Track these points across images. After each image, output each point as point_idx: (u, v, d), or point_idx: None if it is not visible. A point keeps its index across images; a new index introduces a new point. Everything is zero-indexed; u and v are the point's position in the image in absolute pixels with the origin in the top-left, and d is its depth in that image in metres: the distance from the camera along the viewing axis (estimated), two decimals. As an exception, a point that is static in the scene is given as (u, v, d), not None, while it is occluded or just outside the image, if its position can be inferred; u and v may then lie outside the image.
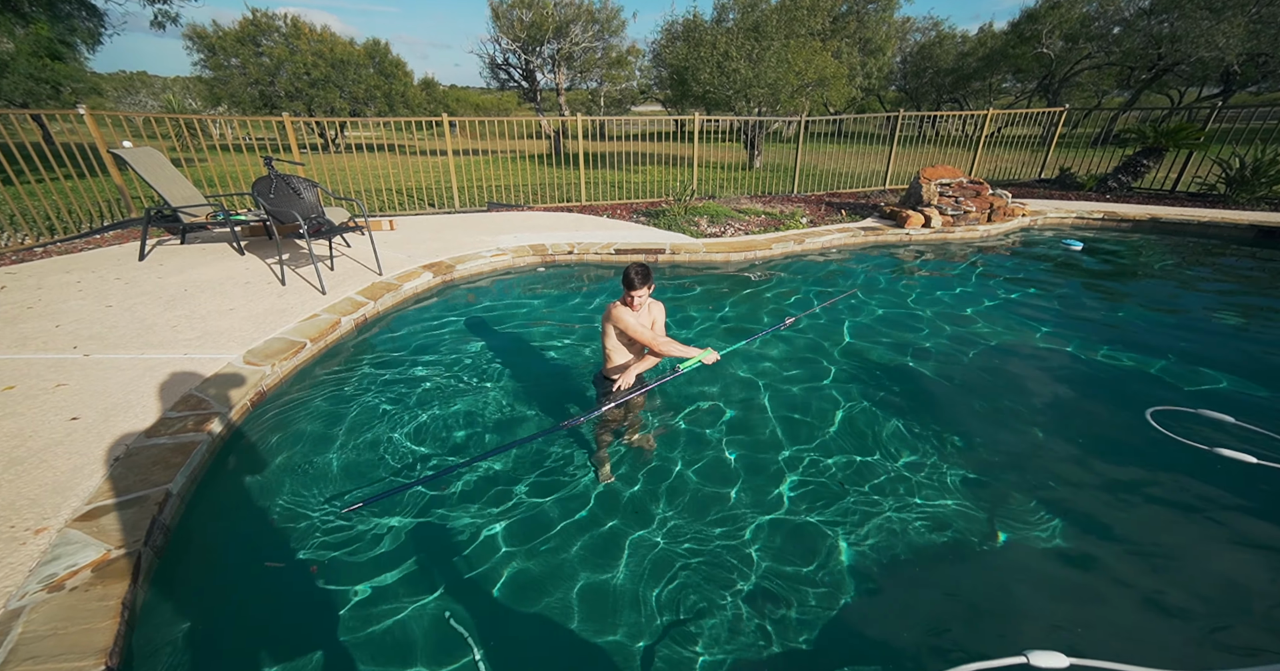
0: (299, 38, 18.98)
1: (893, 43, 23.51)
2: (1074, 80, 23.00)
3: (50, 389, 2.96)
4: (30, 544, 1.99)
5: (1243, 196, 8.56)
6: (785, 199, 9.41)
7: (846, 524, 2.45)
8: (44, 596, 1.78)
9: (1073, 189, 10.03)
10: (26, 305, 4.07)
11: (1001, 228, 7.50)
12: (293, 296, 4.38)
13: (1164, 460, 2.81)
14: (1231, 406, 3.34)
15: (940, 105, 28.01)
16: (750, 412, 3.30)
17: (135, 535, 2.04)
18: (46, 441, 2.53)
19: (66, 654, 1.61)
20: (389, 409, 3.19)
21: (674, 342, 2.60)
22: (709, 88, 12.75)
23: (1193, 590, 2.16)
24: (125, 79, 34.80)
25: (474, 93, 35.25)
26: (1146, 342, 4.22)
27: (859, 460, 2.88)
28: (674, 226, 7.08)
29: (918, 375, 3.76)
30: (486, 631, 1.94)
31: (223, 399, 2.95)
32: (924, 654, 1.91)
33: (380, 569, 2.16)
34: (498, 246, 5.97)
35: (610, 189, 9.87)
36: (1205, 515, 2.53)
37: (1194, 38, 17.03)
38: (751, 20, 13.13)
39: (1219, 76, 19.67)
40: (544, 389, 3.51)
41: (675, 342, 2.61)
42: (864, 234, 7.03)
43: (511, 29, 18.08)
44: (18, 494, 2.22)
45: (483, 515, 2.46)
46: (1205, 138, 8.79)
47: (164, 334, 3.65)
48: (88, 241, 5.88)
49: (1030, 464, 2.86)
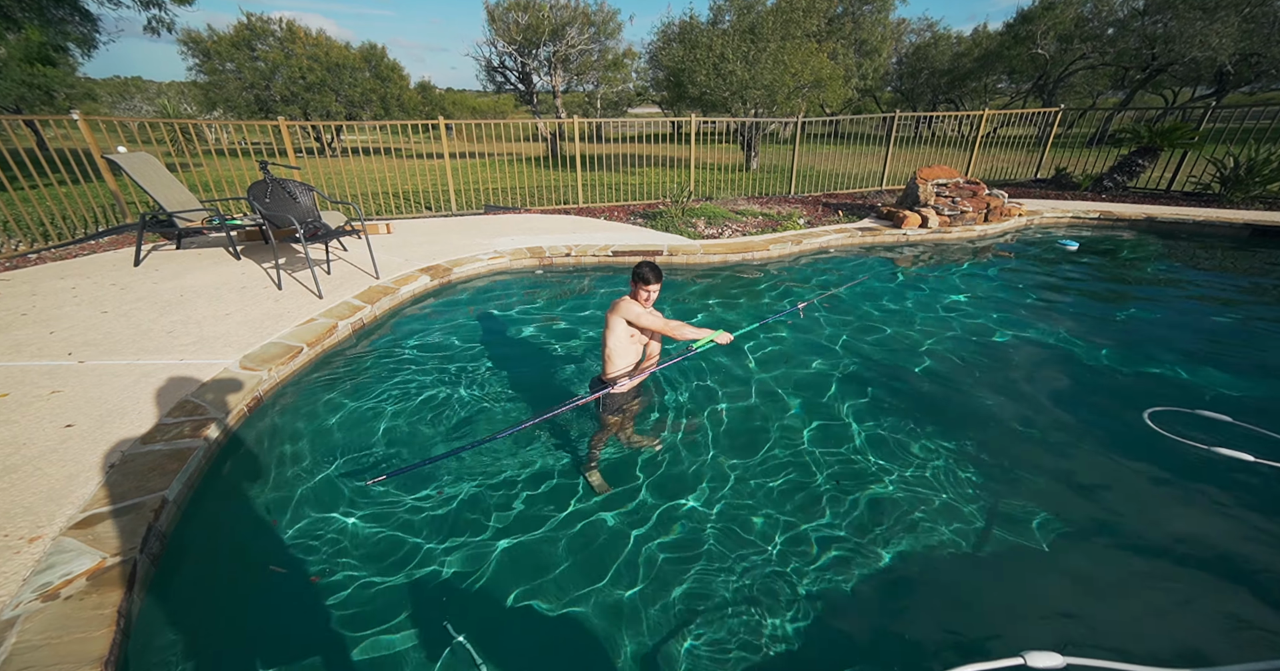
0: (294, 42, 18.97)
1: (888, 44, 23.58)
2: (1069, 81, 23.12)
3: (45, 396, 2.94)
4: (25, 552, 1.97)
5: (1237, 195, 8.61)
6: (782, 200, 9.42)
7: (844, 524, 2.45)
8: (39, 605, 1.77)
9: (1069, 189, 10.07)
10: (21, 311, 4.04)
11: (998, 227, 7.52)
12: (289, 301, 4.36)
13: (1162, 460, 2.81)
14: (1229, 406, 3.35)
15: (936, 106, 28.12)
16: (747, 412, 3.29)
17: (131, 542, 2.02)
18: (41, 448, 2.52)
19: (61, 663, 1.60)
20: (386, 413, 3.18)
21: (686, 325, 2.66)
22: (705, 89, 12.78)
23: (1191, 587, 2.16)
24: (120, 84, 34.69)
25: (470, 96, 35.25)
26: (1143, 343, 4.23)
27: (855, 460, 2.88)
28: (671, 228, 7.09)
29: (914, 375, 3.76)
30: (484, 639, 1.93)
31: (219, 404, 2.93)
32: (921, 654, 1.90)
33: (379, 575, 2.15)
34: (495, 249, 5.96)
35: (607, 191, 9.88)
36: (1203, 513, 2.53)
37: (1187, 38, 17.14)
38: (747, 22, 13.18)
39: (1212, 76, 19.80)
40: (541, 391, 3.50)
41: (687, 325, 2.67)
42: (861, 234, 7.04)
43: (508, 31, 18.10)
44: (12, 502, 2.20)
45: (483, 525, 2.44)
46: (1199, 137, 8.84)
47: (160, 339, 3.63)
48: (83, 247, 5.86)
49: (1027, 464, 2.86)
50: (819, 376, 3.73)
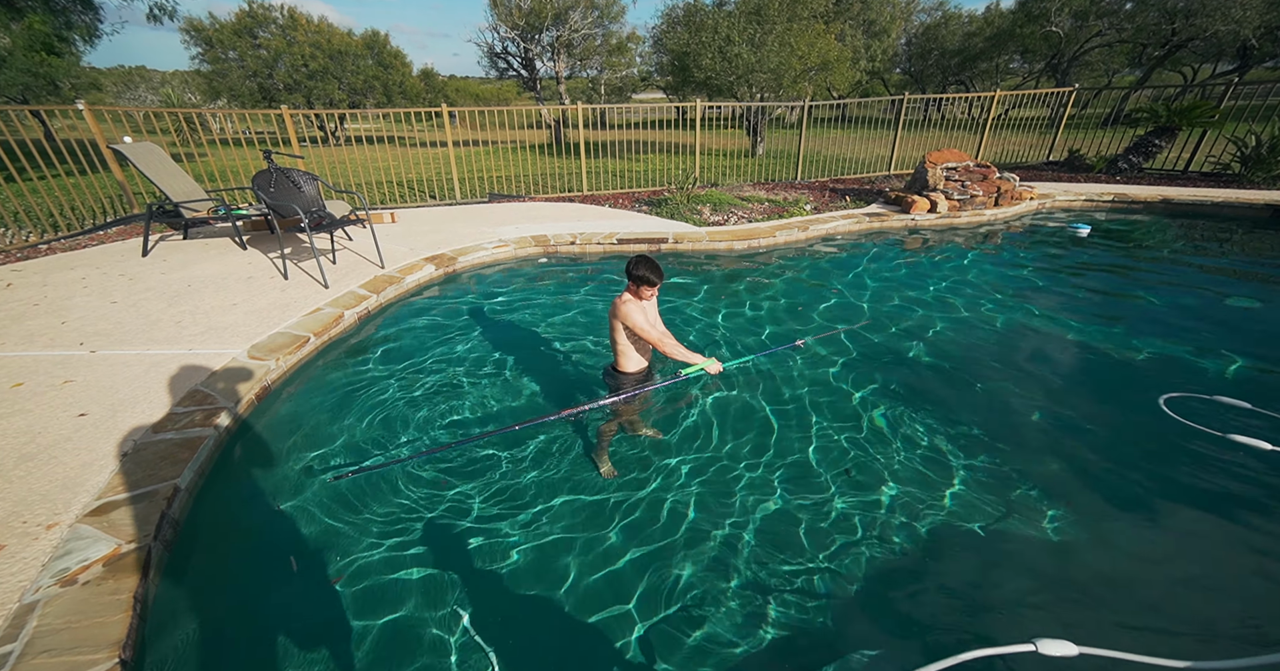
0: (296, 29, 18.83)
1: (897, 24, 23.06)
2: (1083, 59, 22.50)
3: (58, 385, 2.97)
4: (42, 539, 2.01)
5: (1258, 175, 8.37)
6: (789, 186, 9.30)
7: (856, 512, 2.44)
8: (57, 590, 1.80)
9: (1082, 171, 9.86)
10: (33, 302, 4.08)
11: (1009, 212, 7.39)
12: (295, 290, 4.38)
13: (1178, 447, 2.77)
14: (1247, 392, 3.29)
15: (946, 88, 27.52)
16: (751, 401, 3.28)
17: (145, 529, 2.06)
18: (56, 437, 2.55)
19: (81, 646, 1.63)
20: (393, 401, 3.20)
21: (679, 346, 2.58)
22: (710, 74, 12.56)
23: (1205, 578, 2.14)
24: (124, 74, 34.68)
25: (473, 82, 34.92)
26: (1158, 328, 4.15)
27: (866, 448, 2.87)
28: (677, 215, 7.02)
29: (924, 363, 3.73)
30: (496, 629, 1.95)
31: (228, 393, 2.96)
32: (933, 641, 1.90)
33: (390, 564, 2.18)
34: (499, 238, 5.94)
35: (612, 178, 9.79)
36: (1220, 502, 2.49)
37: (1210, 11, 16.59)
38: (753, 3, 12.88)
39: (1235, 51, 19.17)
40: (548, 380, 3.50)
41: (680, 346, 2.59)
42: (869, 220, 6.94)
43: (510, 16, 17.85)
44: (29, 489, 2.24)
45: (493, 515, 2.46)
46: (1220, 116, 8.57)
47: (169, 329, 3.66)
48: (91, 238, 5.89)
49: (1038, 450, 2.84)
50: (823, 365, 3.70)
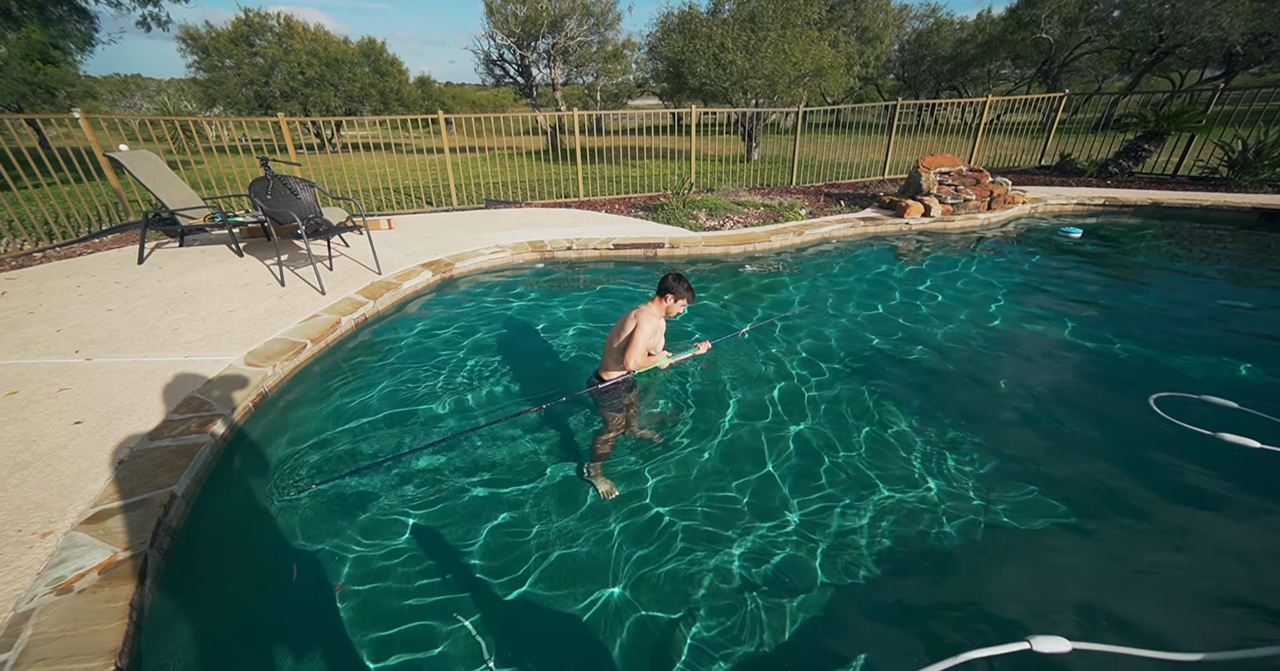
0: (292, 37, 18.86)
1: (890, 30, 23.28)
2: (1073, 65, 22.77)
3: (53, 393, 2.97)
4: (38, 547, 2.00)
5: (1245, 179, 8.49)
6: (784, 190, 9.36)
7: (851, 513, 2.46)
8: (53, 598, 1.80)
9: (1073, 175, 9.97)
10: (28, 310, 4.07)
11: (1002, 215, 7.46)
12: (292, 297, 4.38)
13: (1168, 446, 2.81)
14: (1235, 392, 3.33)
15: (939, 93, 27.77)
16: (749, 406, 3.29)
17: (141, 537, 2.05)
18: (51, 445, 2.55)
19: (76, 655, 1.63)
20: (390, 407, 3.20)
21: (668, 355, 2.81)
22: (705, 80, 12.67)
23: (1194, 574, 2.16)
24: (120, 82, 34.63)
25: (470, 89, 35.08)
26: (1149, 329, 4.20)
27: (861, 449, 2.88)
28: (673, 220, 7.06)
29: (917, 364, 3.75)
30: (498, 632, 1.95)
31: (225, 400, 2.95)
32: (926, 641, 1.92)
33: (389, 568, 2.18)
34: (496, 244, 5.96)
35: (608, 184, 9.83)
36: (1209, 499, 2.53)
37: (1196, 18, 16.84)
38: (747, 10, 13.03)
39: (1221, 58, 19.46)
40: (548, 383, 3.51)
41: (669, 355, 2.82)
42: (863, 224, 7.00)
43: (506, 24, 17.94)
44: (24, 498, 2.23)
45: (494, 515, 2.46)
46: (1207, 120, 8.71)
47: (165, 337, 3.66)
48: (86, 246, 5.88)
49: (1030, 451, 2.86)
50: (819, 368, 3.73)
